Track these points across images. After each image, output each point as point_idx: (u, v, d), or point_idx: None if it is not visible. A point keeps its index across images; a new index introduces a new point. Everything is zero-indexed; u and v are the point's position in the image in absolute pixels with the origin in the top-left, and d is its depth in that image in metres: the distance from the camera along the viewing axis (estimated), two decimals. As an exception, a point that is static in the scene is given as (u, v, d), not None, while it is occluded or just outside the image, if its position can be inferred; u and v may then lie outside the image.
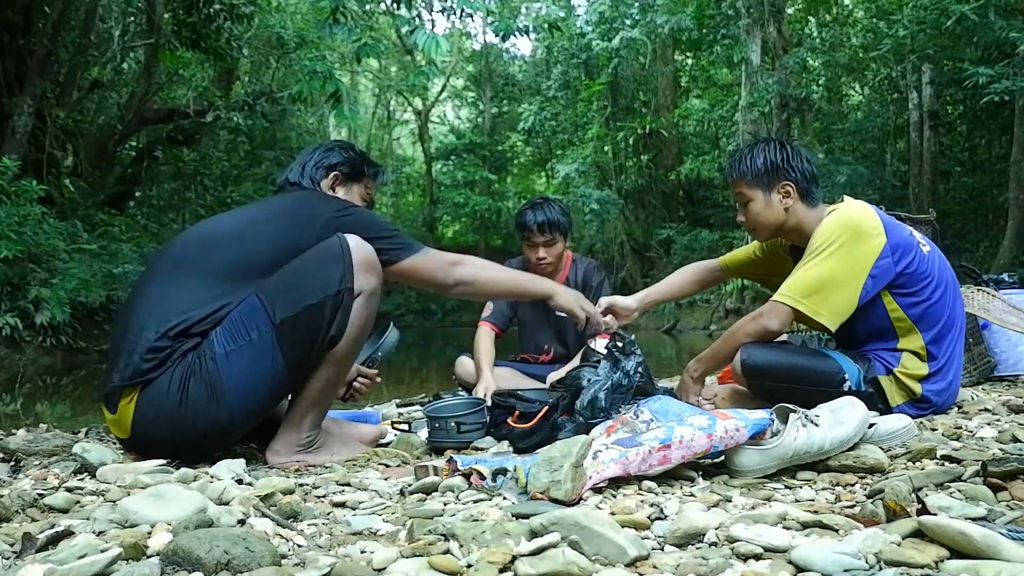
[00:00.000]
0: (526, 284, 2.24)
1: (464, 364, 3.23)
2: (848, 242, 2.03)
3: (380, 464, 1.83)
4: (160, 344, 1.71)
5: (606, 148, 18.85)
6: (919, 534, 1.01)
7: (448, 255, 2.02)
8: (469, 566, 0.98)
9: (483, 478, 1.43)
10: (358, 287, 1.77)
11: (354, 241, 1.79)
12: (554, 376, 2.83)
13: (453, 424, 2.01)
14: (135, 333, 1.74)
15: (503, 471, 1.43)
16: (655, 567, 0.98)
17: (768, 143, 2.24)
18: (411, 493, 1.45)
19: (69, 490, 1.46)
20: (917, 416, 2.12)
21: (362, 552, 1.07)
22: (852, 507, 1.25)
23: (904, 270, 2.07)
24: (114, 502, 1.31)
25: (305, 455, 1.84)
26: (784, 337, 2.52)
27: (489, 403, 2.26)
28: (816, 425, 1.51)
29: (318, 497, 1.48)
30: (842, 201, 2.20)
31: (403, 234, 1.98)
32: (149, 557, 1.03)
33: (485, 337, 3.23)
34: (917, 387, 2.11)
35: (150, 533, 1.12)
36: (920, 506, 1.16)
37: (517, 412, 2.02)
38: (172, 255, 1.88)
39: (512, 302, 3.30)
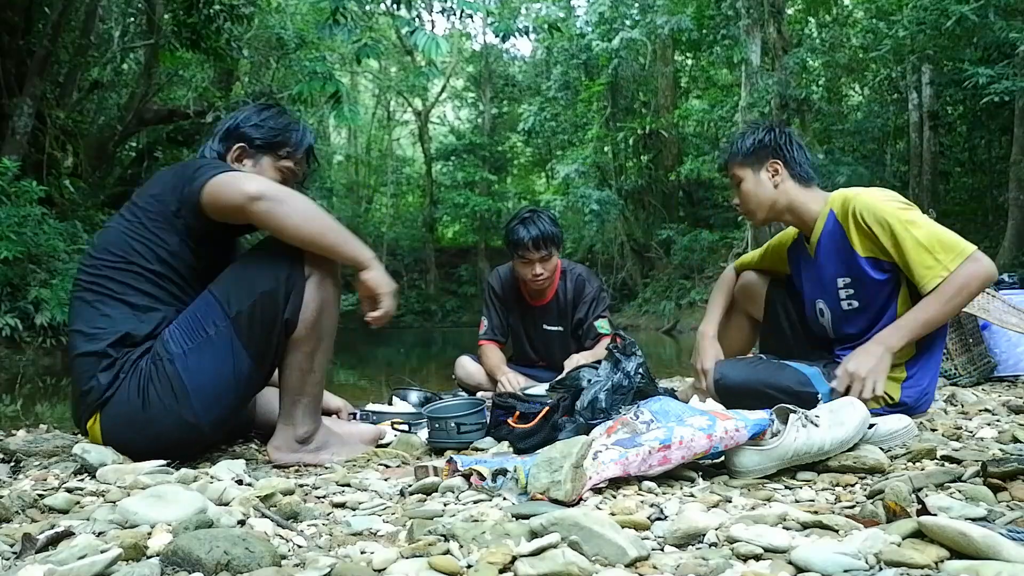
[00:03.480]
0: (338, 241, 1.78)
1: (464, 365, 3.23)
2: (908, 206, 2.01)
3: (380, 464, 1.83)
4: (102, 358, 1.72)
5: (606, 149, 18.87)
6: (919, 534, 1.01)
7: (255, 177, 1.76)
8: (469, 567, 0.98)
9: (483, 479, 1.43)
10: (308, 269, 1.76)
11: None
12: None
13: (453, 425, 2.01)
14: (72, 355, 1.78)
15: (503, 472, 1.43)
16: (655, 567, 0.98)
17: (759, 126, 2.27)
18: (411, 494, 1.45)
19: (69, 491, 1.46)
20: None
21: (362, 553, 1.07)
22: (852, 507, 1.25)
23: None
24: (114, 503, 1.31)
25: (305, 454, 1.83)
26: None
27: (518, 390, 2.34)
28: (816, 426, 1.51)
29: (318, 498, 1.48)
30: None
31: (214, 163, 1.82)
32: (149, 558, 1.03)
33: (492, 351, 3.20)
34: (896, 390, 2.04)
35: (150, 534, 1.12)
36: (920, 506, 1.16)
37: (517, 412, 2.02)
38: (79, 271, 1.86)
39: (504, 313, 3.24)
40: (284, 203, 1.71)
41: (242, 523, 1.21)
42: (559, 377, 2.31)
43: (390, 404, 2.73)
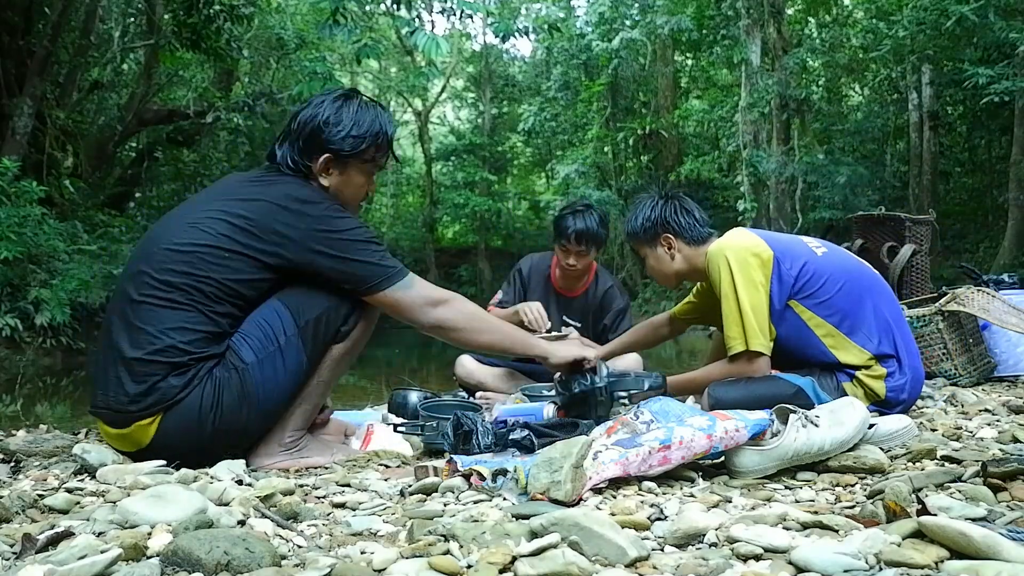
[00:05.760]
0: (518, 344, 2.05)
1: (464, 364, 3.22)
2: (740, 268, 2.10)
3: (380, 465, 1.83)
4: (175, 367, 1.65)
5: (606, 149, 18.85)
6: (919, 535, 1.01)
7: (434, 291, 1.88)
8: (469, 567, 0.98)
9: (483, 479, 1.43)
10: None
11: None
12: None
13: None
14: (127, 355, 1.66)
15: (503, 472, 1.43)
16: (655, 568, 0.98)
17: (646, 201, 2.38)
18: (411, 494, 1.45)
19: (69, 491, 1.46)
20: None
21: (362, 553, 1.07)
22: (852, 508, 1.25)
23: (800, 275, 2.11)
24: (114, 503, 1.31)
25: (288, 459, 1.81)
26: None
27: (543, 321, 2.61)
28: (816, 426, 1.51)
29: (318, 498, 1.48)
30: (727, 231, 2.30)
31: (386, 255, 1.82)
32: (149, 558, 1.03)
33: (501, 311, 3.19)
34: (881, 387, 2.09)
35: (150, 534, 1.12)
36: (920, 507, 1.16)
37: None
38: (137, 271, 1.72)
39: (523, 296, 3.27)
40: (462, 330, 1.90)
41: (242, 523, 1.21)
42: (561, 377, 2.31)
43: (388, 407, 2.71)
